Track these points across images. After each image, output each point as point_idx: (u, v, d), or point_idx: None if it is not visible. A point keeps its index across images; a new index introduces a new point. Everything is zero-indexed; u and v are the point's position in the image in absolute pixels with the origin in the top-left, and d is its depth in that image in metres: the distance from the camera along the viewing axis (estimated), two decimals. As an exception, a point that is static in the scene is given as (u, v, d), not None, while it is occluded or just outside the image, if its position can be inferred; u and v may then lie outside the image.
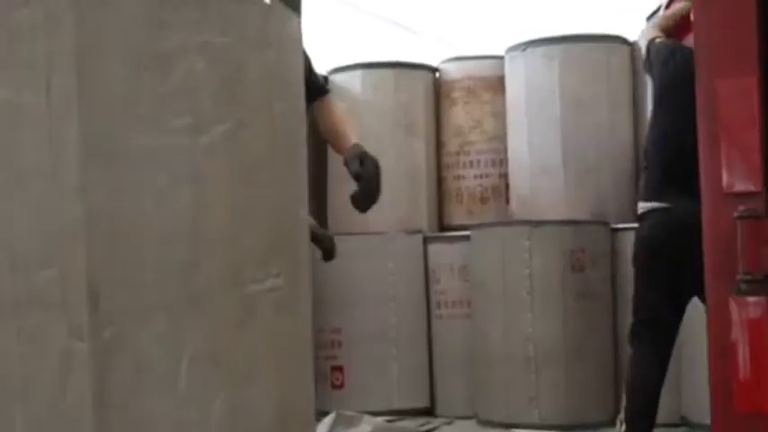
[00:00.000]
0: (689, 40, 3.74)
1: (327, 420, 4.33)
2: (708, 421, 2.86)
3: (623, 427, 3.85)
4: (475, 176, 5.95)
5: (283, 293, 1.83)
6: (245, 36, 1.75)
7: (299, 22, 1.97)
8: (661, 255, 3.89)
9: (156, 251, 1.59)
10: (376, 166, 3.01)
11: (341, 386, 5.56)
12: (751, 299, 2.65)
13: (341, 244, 3.50)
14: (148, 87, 1.59)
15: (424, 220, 5.90)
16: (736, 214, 2.63)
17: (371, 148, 3.09)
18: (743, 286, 2.64)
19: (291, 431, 1.86)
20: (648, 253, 3.96)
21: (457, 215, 6.00)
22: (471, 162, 5.97)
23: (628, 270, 5.09)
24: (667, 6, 4.35)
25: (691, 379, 4.22)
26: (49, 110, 1.53)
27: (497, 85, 5.93)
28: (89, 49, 1.53)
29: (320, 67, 4.92)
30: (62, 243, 1.52)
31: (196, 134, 1.65)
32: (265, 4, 1.83)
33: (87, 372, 1.51)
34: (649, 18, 5.05)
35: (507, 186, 5.88)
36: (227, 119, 1.70)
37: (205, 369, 1.63)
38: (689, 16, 3.92)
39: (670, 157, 3.93)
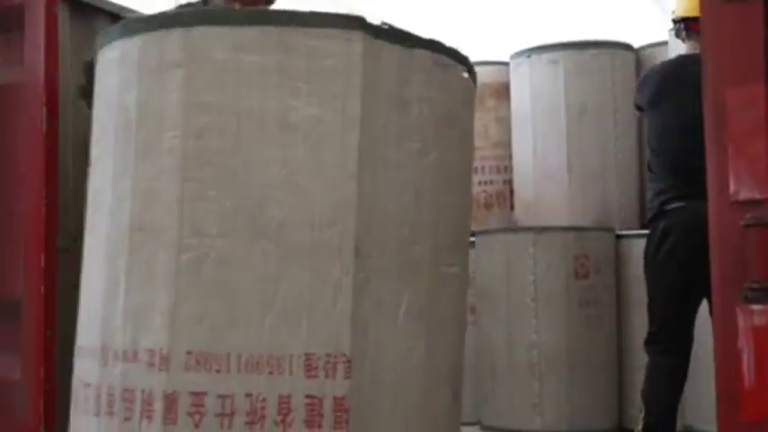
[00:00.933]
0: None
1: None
2: (713, 430, 2.85)
3: None
4: (479, 183, 5.95)
5: (460, 278, 2.66)
6: (453, 95, 2.63)
7: (475, 90, 2.82)
8: (673, 255, 3.85)
9: (391, 228, 2.41)
10: None
11: (344, 392, 5.53)
12: (758, 307, 2.64)
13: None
14: (396, 120, 2.44)
15: (428, 225, 5.88)
16: (743, 222, 2.62)
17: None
18: (750, 294, 2.63)
19: (456, 376, 2.68)
20: (661, 256, 3.92)
21: (461, 221, 5.98)
22: (476, 168, 5.96)
23: (632, 276, 5.11)
24: None
25: (696, 387, 4.20)
26: (342, 125, 2.34)
27: (502, 91, 5.93)
28: (366, 89, 2.38)
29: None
30: (342, 211, 2.32)
31: (422, 155, 2.48)
32: (464, 78, 2.68)
33: (349, 299, 2.30)
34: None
35: (512, 193, 5.87)
36: (439, 147, 2.54)
37: (414, 317, 2.43)
38: None
39: (680, 157, 3.92)
